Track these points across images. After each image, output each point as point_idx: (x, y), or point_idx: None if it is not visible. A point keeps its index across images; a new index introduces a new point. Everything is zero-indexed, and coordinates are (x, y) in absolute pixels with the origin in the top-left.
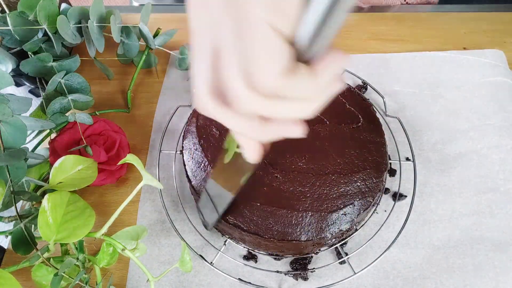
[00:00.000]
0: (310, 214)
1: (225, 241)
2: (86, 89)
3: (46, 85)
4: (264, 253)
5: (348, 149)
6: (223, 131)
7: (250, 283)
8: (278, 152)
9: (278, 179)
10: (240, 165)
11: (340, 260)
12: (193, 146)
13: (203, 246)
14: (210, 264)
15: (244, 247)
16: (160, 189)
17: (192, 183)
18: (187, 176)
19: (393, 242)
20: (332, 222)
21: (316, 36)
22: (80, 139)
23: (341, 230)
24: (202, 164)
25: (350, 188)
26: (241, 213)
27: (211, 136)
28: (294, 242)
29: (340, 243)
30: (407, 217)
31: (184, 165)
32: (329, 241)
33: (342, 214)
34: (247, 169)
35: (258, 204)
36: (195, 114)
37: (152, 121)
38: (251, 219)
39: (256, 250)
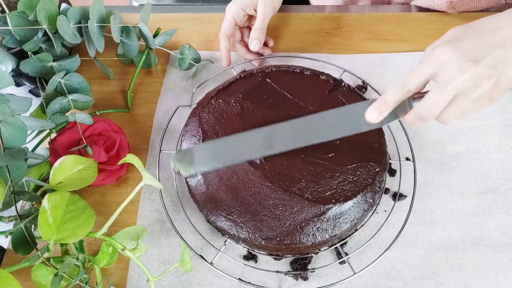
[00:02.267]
0: (309, 215)
1: (225, 241)
2: (86, 89)
3: (46, 85)
4: (264, 253)
5: (348, 149)
6: (219, 132)
7: (250, 283)
8: (277, 154)
9: (279, 178)
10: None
11: (340, 260)
12: (191, 146)
13: (203, 246)
14: (210, 264)
15: (244, 247)
16: (160, 189)
17: (189, 183)
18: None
19: (393, 242)
20: (331, 223)
21: None
22: (80, 139)
23: (341, 230)
24: None
25: (350, 188)
26: (240, 215)
27: (208, 137)
28: (293, 243)
29: (340, 243)
30: (407, 217)
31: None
32: (329, 242)
33: (342, 214)
34: None
35: (258, 204)
36: (194, 115)
37: (152, 121)
38: (250, 219)
39: (256, 250)
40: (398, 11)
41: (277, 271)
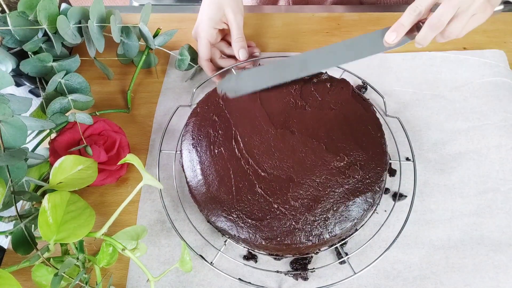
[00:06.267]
0: (309, 215)
1: (225, 241)
2: (86, 89)
3: (46, 85)
4: (264, 253)
5: (348, 149)
6: (219, 132)
7: (250, 283)
8: (276, 154)
9: (280, 178)
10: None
11: (340, 260)
12: (191, 146)
13: (203, 246)
14: (210, 264)
15: (244, 247)
16: (160, 189)
17: (190, 184)
18: (185, 177)
19: (393, 242)
20: (331, 223)
21: None
22: (80, 139)
23: (341, 230)
24: (199, 165)
25: (349, 188)
26: (241, 215)
27: (207, 137)
28: (293, 244)
29: (340, 243)
30: (407, 217)
31: (182, 166)
32: (329, 242)
33: (342, 214)
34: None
35: (258, 205)
36: (193, 115)
37: (152, 121)
38: (251, 221)
39: (256, 250)
40: (395, 11)
41: (277, 271)
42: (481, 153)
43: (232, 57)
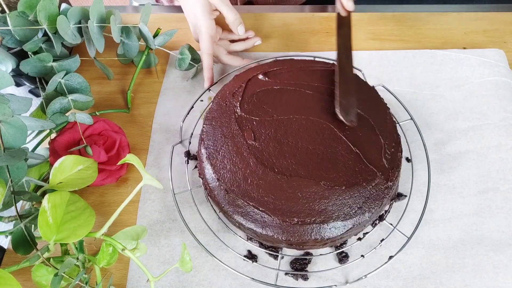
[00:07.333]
0: (312, 218)
1: (225, 241)
2: (86, 89)
3: (46, 85)
4: (264, 251)
5: (353, 150)
6: (238, 132)
7: (250, 282)
8: (282, 155)
9: (282, 179)
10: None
11: (340, 261)
12: (208, 145)
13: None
14: (210, 262)
15: (249, 238)
16: (173, 189)
17: (211, 185)
18: (205, 179)
19: (393, 242)
20: (333, 224)
21: None
22: (80, 139)
23: (342, 231)
24: (217, 165)
25: (354, 192)
26: (263, 211)
27: (226, 136)
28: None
29: (340, 243)
30: (407, 217)
31: (200, 167)
32: (330, 242)
33: (344, 216)
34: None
35: (259, 204)
36: (209, 117)
37: (152, 121)
38: (272, 216)
39: (256, 240)
40: (396, 11)
41: (277, 271)
42: (481, 153)
43: (237, 53)
